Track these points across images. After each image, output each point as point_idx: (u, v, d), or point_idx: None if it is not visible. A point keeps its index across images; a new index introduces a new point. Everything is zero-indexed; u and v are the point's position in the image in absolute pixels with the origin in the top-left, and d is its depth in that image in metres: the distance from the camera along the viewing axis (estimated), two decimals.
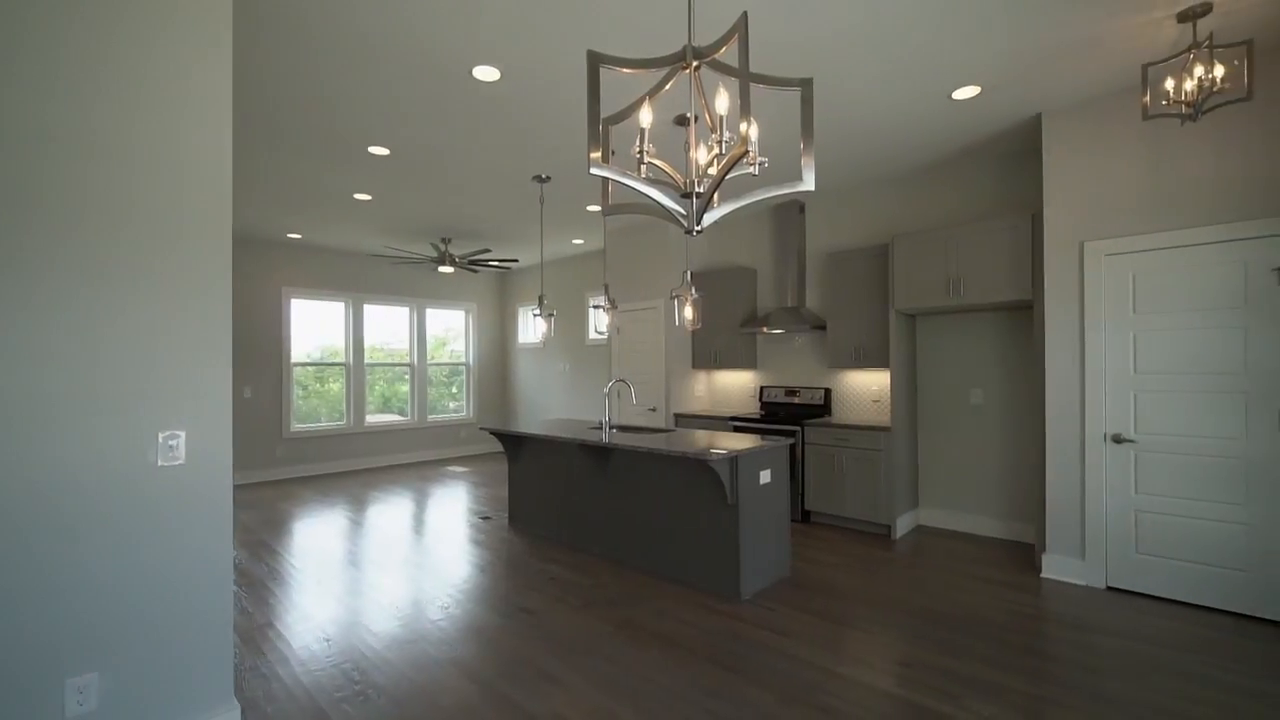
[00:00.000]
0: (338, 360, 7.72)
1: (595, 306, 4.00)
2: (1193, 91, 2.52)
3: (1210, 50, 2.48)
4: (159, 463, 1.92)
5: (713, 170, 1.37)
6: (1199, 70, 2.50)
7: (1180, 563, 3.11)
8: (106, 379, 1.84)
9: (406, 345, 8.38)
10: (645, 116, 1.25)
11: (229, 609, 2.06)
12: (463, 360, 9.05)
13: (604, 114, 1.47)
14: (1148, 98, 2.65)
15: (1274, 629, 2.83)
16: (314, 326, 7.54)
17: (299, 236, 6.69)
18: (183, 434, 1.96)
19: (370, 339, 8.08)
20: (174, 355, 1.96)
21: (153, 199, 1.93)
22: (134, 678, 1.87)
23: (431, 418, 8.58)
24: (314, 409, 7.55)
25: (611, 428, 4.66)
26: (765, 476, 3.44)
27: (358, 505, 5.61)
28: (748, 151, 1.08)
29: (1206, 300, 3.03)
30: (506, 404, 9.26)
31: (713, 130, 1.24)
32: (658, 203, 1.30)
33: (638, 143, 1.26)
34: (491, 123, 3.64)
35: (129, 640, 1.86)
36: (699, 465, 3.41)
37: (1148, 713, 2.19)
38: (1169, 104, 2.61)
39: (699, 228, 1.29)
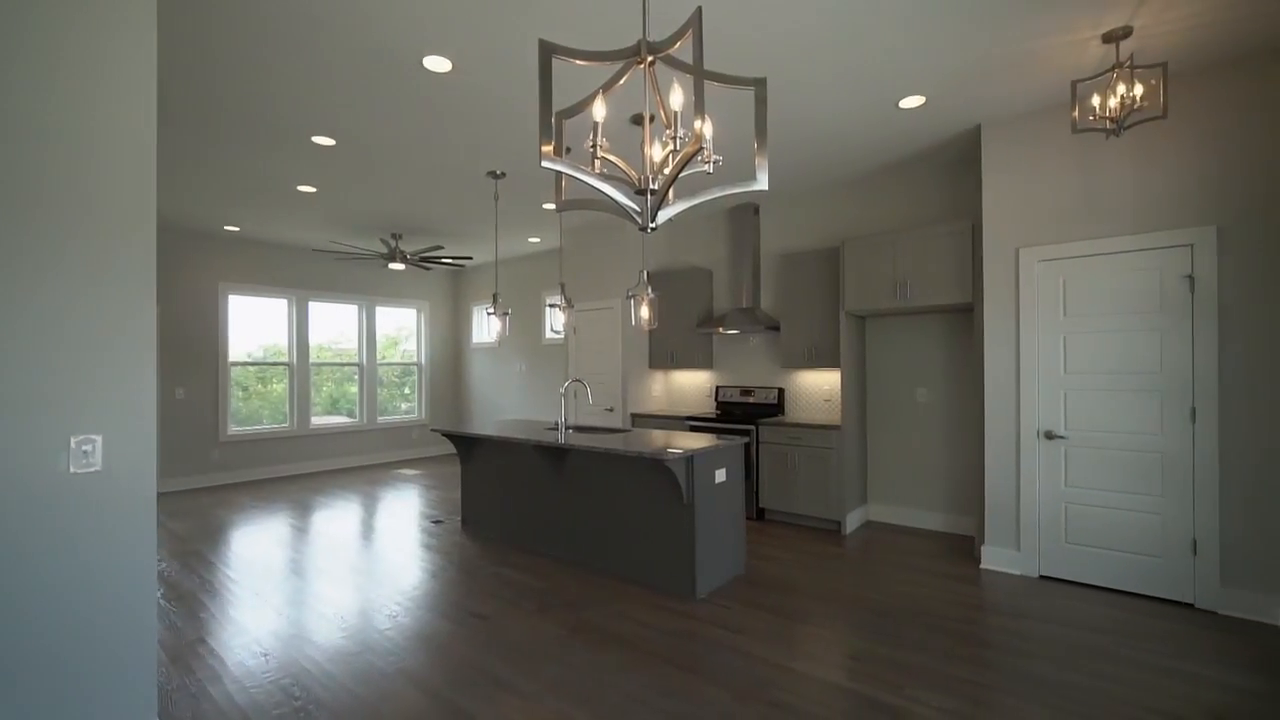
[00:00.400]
0: (280, 360, 7.37)
1: (551, 305, 3.94)
2: (1116, 108, 2.69)
3: (1131, 70, 2.65)
4: (72, 470, 1.77)
5: (667, 167, 1.36)
6: (1121, 88, 2.66)
7: (1104, 551, 3.31)
8: (9, 378, 1.69)
9: (355, 345, 8.08)
10: (599, 110, 1.23)
11: (152, 625, 1.93)
12: (414, 360, 8.80)
13: (558, 107, 1.44)
14: (1076, 112, 2.81)
15: (1184, 610, 3.04)
16: (255, 324, 7.17)
17: (238, 229, 6.35)
18: (99, 438, 1.82)
19: (318, 338, 7.76)
20: (90, 353, 1.82)
21: (66, 182, 1.78)
22: (39, 707, 1.72)
23: (382, 419, 8.30)
24: (255, 411, 7.18)
25: (568, 428, 4.62)
26: (721, 476, 3.47)
27: (301, 511, 5.37)
28: (702, 149, 1.08)
29: (1128, 305, 3.24)
30: (461, 405, 9.05)
31: (667, 126, 1.23)
32: (611, 199, 1.29)
33: (591, 137, 1.24)
34: (444, 116, 3.55)
35: (34, 665, 1.71)
36: (655, 465, 3.41)
37: (1075, 693, 2.32)
38: (1095, 119, 2.78)
39: (653, 225, 1.29)
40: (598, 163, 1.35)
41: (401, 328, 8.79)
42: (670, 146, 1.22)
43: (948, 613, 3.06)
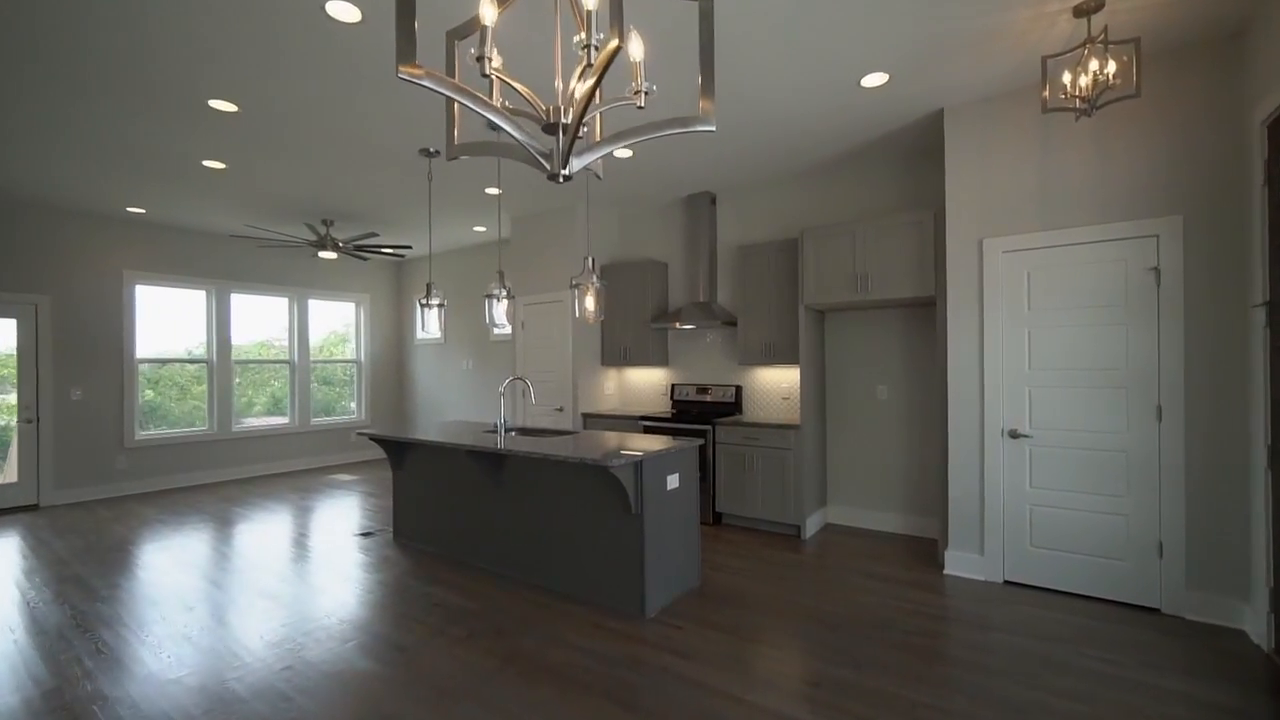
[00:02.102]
0: (198, 357, 6.72)
1: (489, 296, 3.58)
2: (1088, 86, 2.52)
3: (1105, 46, 2.48)
4: None
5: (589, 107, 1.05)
6: (1094, 65, 2.50)
7: (1069, 555, 3.18)
8: None
9: (286, 341, 7.47)
10: (488, 11, 0.90)
11: None
12: (353, 357, 8.22)
13: (450, 24, 1.11)
14: (1047, 91, 2.64)
15: (1151, 616, 2.93)
16: (171, 318, 6.50)
17: (142, 211, 5.71)
18: None
19: (250, 334, 7.12)
20: None
21: None
22: None
23: (316, 420, 7.70)
24: (170, 413, 6.51)
25: (511, 430, 4.25)
26: (673, 481, 3.19)
27: (214, 525, 4.82)
28: (621, 48, 0.78)
29: (1093, 298, 3.11)
30: (404, 405, 8.52)
31: (581, 29, 0.92)
32: (511, 135, 0.97)
33: (479, 47, 0.91)
34: (359, 79, 3.13)
35: None
36: (600, 472, 3.10)
37: (1045, 717, 2.13)
38: (1066, 97, 2.61)
39: (566, 170, 0.98)
40: (496, 95, 1.02)
41: (349, 324, 8.21)
42: (584, 61, 0.91)
43: (911, 626, 2.86)
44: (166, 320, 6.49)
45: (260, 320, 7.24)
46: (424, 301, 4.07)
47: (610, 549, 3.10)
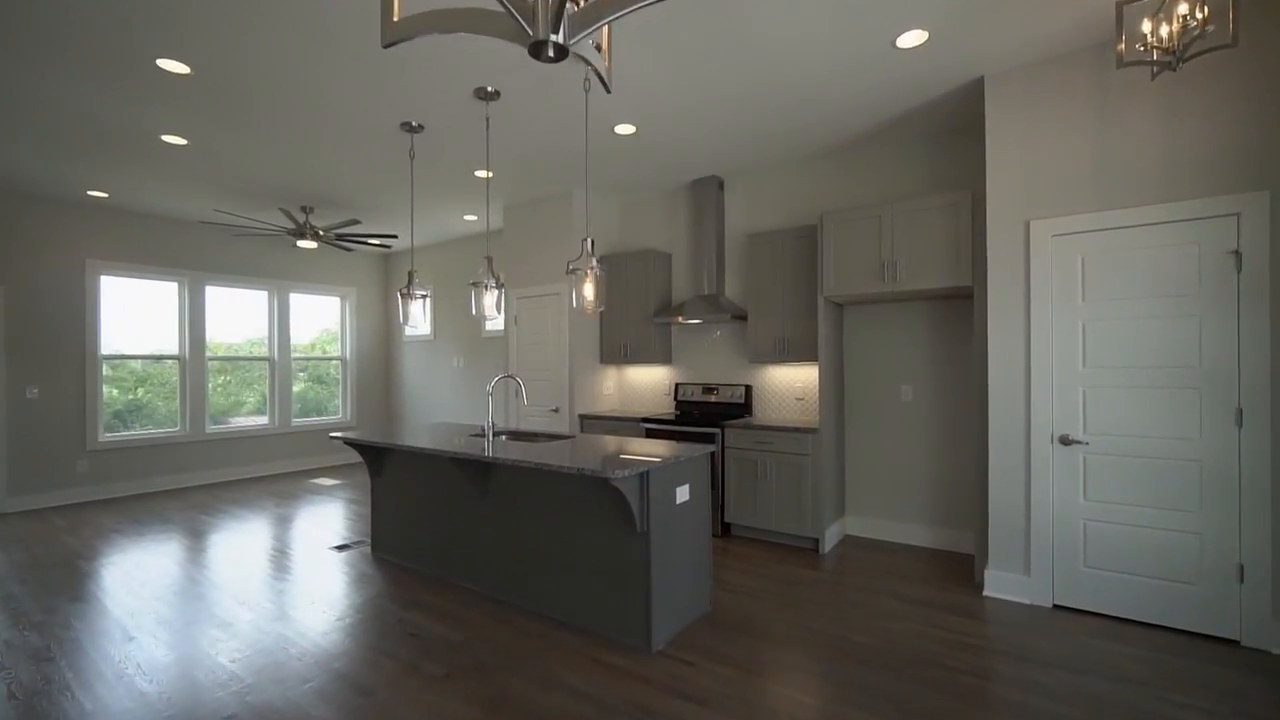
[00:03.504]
0: (170, 353, 6.30)
1: (475, 285, 3.19)
2: (1174, 35, 2.15)
3: None
4: None
5: None
6: (1181, 8, 2.12)
7: (1130, 577, 2.81)
8: None
9: (265, 336, 7.06)
10: None
11: None
12: (338, 354, 7.81)
13: None
14: (1123, 43, 2.26)
15: (1228, 649, 2.57)
16: (139, 311, 6.08)
17: (105, 196, 5.29)
18: None
19: (240, 331, 6.71)
20: None
21: None
22: None
23: (297, 421, 7.30)
24: (140, 412, 6.09)
25: (501, 434, 3.87)
26: (683, 494, 2.81)
27: (177, 535, 4.42)
28: None
29: (1159, 286, 2.74)
30: (391, 404, 8.11)
31: None
32: None
33: None
34: (326, 37, 2.74)
35: None
36: (601, 484, 2.72)
37: None
38: (1145, 49, 2.23)
39: (557, 39, 0.59)
40: None
41: (336, 319, 7.79)
42: None
43: (956, 661, 2.48)
44: (137, 314, 6.07)
45: (243, 316, 6.82)
46: (405, 292, 3.68)
47: (612, 571, 2.71)
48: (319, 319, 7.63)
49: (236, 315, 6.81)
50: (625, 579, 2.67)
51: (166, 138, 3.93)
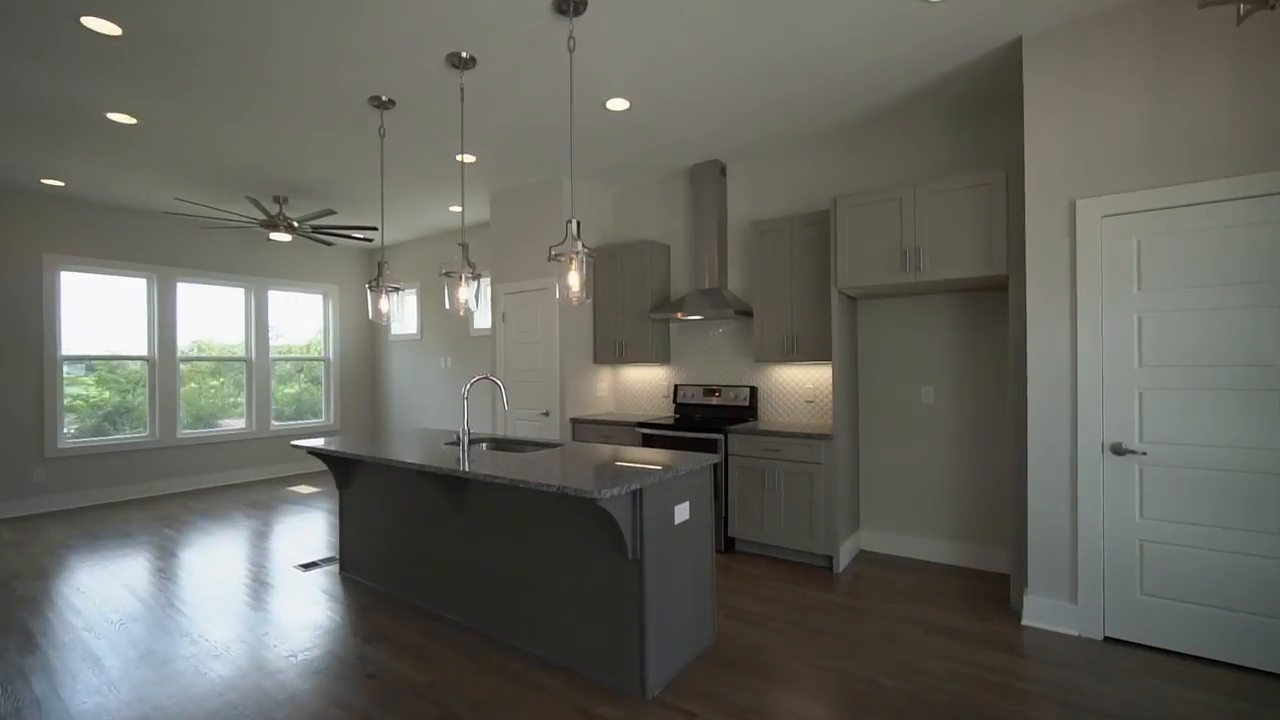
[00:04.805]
0: (137, 354, 5.93)
1: (447, 274, 2.82)
2: None
3: None
4: None
5: None
6: None
7: (1196, 607, 2.45)
8: None
9: (242, 336, 6.69)
10: None
11: None
12: (320, 355, 7.44)
13: None
14: None
15: None
16: (104, 309, 5.71)
17: (61, 184, 4.93)
18: None
19: (209, 330, 6.35)
20: None
21: None
22: None
23: (277, 424, 6.93)
24: (131, 415, 5.71)
25: (482, 442, 3.51)
26: (682, 512, 2.45)
27: (131, 552, 4.05)
28: None
29: (1229, 273, 2.38)
30: (377, 405, 7.75)
31: None
32: None
33: None
34: None
35: None
36: (587, 504, 2.36)
37: None
38: None
39: None
40: None
41: (319, 317, 7.44)
42: None
43: (993, 711, 2.12)
44: (105, 313, 5.69)
45: (224, 315, 6.45)
46: (374, 284, 3.33)
47: (601, 604, 2.35)
48: (300, 318, 7.26)
49: (217, 314, 6.44)
50: (615, 614, 2.30)
51: (113, 115, 3.56)
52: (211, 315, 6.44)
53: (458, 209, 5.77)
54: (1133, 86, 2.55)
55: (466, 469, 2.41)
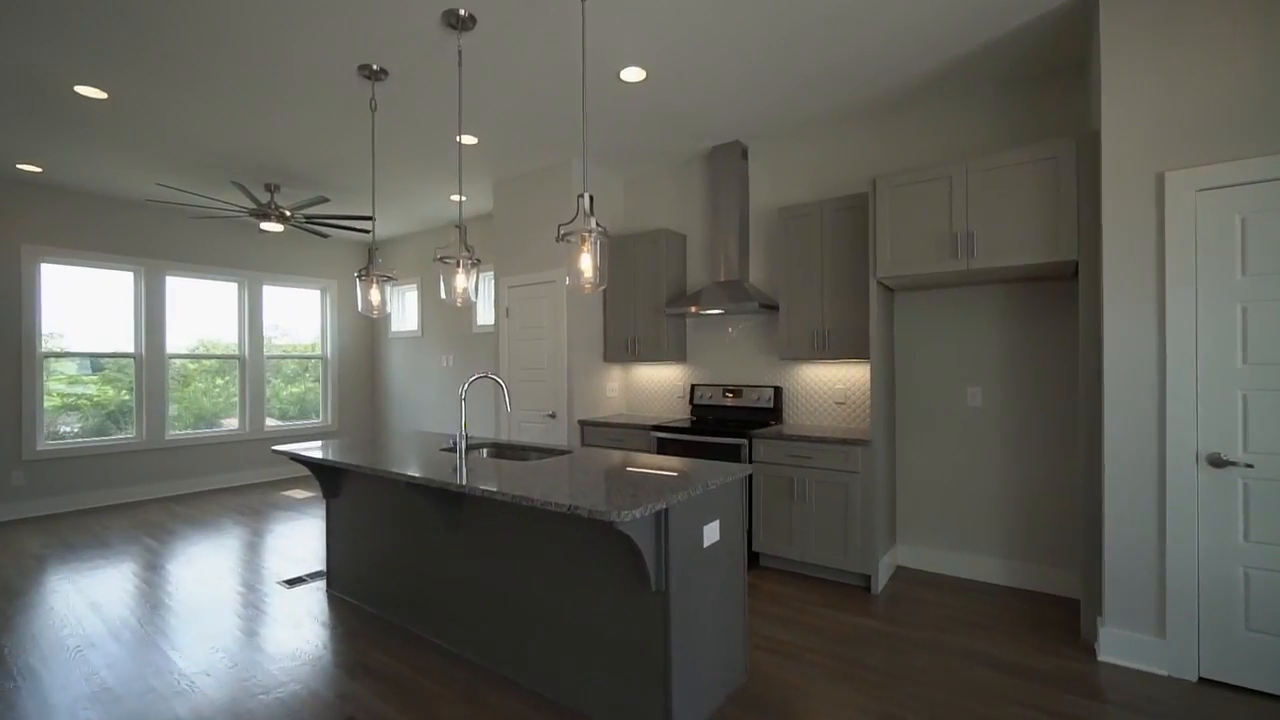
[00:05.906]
0: (124, 351, 5.64)
1: (442, 260, 2.49)
2: None
3: None
4: None
5: None
6: None
7: None
8: None
9: (236, 333, 6.40)
10: None
11: None
12: (317, 352, 7.15)
13: None
14: None
15: None
16: (88, 303, 5.42)
17: (38, 170, 4.64)
18: None
19: (196, 325, 6.05)
20: None
21: None
22: None
23: (271, 425, 6.64)
24: (111, 415, 5.43)
25: (483, 448, 3.18)
26: (711, 533, 2.11)
27: (107, 562, 3.75)
28: None
29: None
30: (377, 405, 7.45)
31: None
32: None
33: None
34: None
35: None
36: (604, 527, 2.02)
37: None
38: None
39: None
40: None
41: (316, 312, 7.15)
42: None
43: None
44: (92, 307, 5.41)
45: (214, 310, 6.16)
46: (363, 274, 3.01)
47: (618, 640, 2.02)
48: (299, 314, 6.96)
49: (210, 309, 6.14)
50: (634, 649, 1.97)
51: (81, 89, 3.25)
52: (204, 311, 6.15)
53: (458, 198, 5.44)
54: (1234, 41, 2.20)
55: (463, 482, 2.08)
